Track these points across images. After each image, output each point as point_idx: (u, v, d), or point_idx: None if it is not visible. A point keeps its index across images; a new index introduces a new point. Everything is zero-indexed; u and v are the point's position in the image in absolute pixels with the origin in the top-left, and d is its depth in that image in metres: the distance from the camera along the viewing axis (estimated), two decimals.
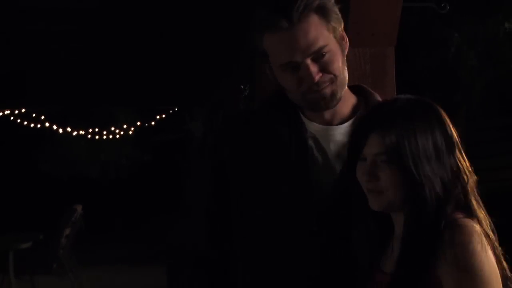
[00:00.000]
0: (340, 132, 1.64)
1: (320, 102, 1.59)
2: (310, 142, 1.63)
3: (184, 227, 1.58)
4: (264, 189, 1.64)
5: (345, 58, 1.63)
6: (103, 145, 12.87)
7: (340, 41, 1.61)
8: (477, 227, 1.39)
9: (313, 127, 1.65)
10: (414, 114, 1.46)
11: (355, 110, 1.67)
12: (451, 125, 1.49)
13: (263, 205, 1.64)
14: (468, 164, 1.49)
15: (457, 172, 1.46)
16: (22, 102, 9.28)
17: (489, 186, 1.56)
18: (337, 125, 1.65)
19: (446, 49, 8.06)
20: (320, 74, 1.55)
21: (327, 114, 1.64)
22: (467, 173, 1.47)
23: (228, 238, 1.71)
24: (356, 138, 1.52)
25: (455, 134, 1.48)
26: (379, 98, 1.72)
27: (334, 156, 1.63)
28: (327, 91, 1.57)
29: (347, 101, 1.67)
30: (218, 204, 1.72)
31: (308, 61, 1.54)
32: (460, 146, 1.49)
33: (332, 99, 1.59)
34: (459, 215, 1.41)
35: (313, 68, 1.54)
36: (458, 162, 1.47)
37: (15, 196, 12.74)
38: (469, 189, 1.46)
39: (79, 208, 7.46)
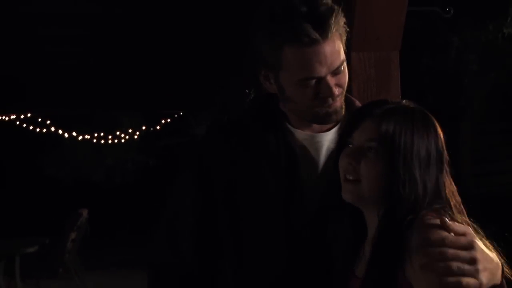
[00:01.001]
0: (327, 139, 1.65)
1: (332, 116, 1.59)
2: (298, 150, 1.63)
3: (167, 241, 1.54)
4: (253, 199, 1.62)
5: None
6: (108, 150, 12.88)
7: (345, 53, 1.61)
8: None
9: (299, 135, 1.65)
10: (415, 116, 1.44)
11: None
12: (444, 144, 1.46)
13: (252, 215, 1.62)
14: (454, 188, 1.45)
15: (439, 189, 1.41)
16: (27, 106, 9.30)
17: (493, 190, 1.54)
18: (323, 131, 1.66)
19: (450, 53, 8.05)
20: (336, 88, 1.56)
21: (328, 124, 1.65)
22: (451, 193, 1.43)
23: (215, 251, 1.68)
24: (348, 126, 1.49)
25: (446, 154, 1.45)
26: (358, 104, 1.73)
27: (322, 163, 1.63)
28: (338, 104, 1.59)
29: None
30: (204, 216, 1.68)
31: (329, 76, 1.54)
32: (448, 168, 1.45)
33: (341, 112, 1.61)
34: (428, 215, 1.34)
35: (332, 82, 1.54)
36: (444, 180, 1.43)
37: (21, 201, 12.75)
38: (451, 205, 1.40)
39: (84, 212, 7.47)
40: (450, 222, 1.30)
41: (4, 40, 4.81)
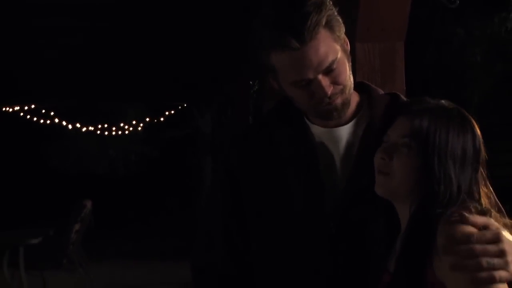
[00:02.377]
0: (346, 132, 1.64)
1: (333, 113, 1.58)
2: (317, 145, 1.63)
3: (203, 244, 1.59)
4: (277, 197, 1.63)
5: (350, 62, 1.60)
6: (112, 141, 12.91)
7: (345, 47, 1.58)
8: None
9: (318, 130, 1.64)
10: (451, 114, 1.44)
11: (358, 108, 1.66)
12: (482, 145, 1.44)
13: (277, 214, 1.63)
14: (488, 189, 1.44)
15: (473, 189, 1.40)
16: (31, 98, 9.31)
17: (497, 182, 1.52)
18: (342, 125, 1.64)
19: (455, 45, 8.04)
20: (332, 87, 1.54)
21: (333, 121, 1.64)
22: (484, 194, 1.42)
23: (248, 252, 1.70)
24: (384, 125, 1.50)
25: (483, 155, 1.44)
26: (381, 92, 1.72)
27: (342, 157, 1.62)
28: (338, 101, 1.57)
29: (351, 100, 1.65)
30: (234, 219, 1.71)
31: (320, 76, 1.52)
32: (484, 170, 1.44)
33: (343, 108, 1.59)
34: (452, 212, 1.35)
35: (325, 82, 1.52)
36: (478, 181, 1.42)
37: (24, 192, 12.79)
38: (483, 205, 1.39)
39: (88, 203, 7.48)
40: (469, 216, 1.30)
41: (7, 31, 4.81)
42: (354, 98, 1.66)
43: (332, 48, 1.52)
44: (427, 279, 1.32)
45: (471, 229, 1.30)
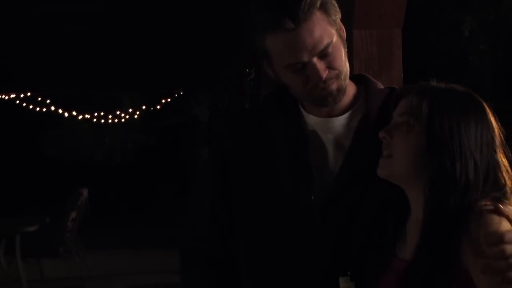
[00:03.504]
0: (340, 123, 1.62)
1: (328, 98, 1.57)
2: (310, 134, 1.62)
3: (192, 226, 1.58)
4: (265, 184, 1.62)
5: (346, 48, 1.59)
6: (109, 129, 12.88)
7: (341, 33, 1.57)
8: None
9: (312, 119, 1.63)
10: (453, 95, 1.42)
11: (355, 100, 1.65)
12: (497, 129, 1.41)
13: (265, 200, 1.62)
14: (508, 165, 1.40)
15: (496, 175, 1.36)
16: (27, 86, 9.28)
17: None
18: (336, 116, 1.63)
19: (455, 32, 8.01)
20: (327, 72, 1.52)
21: (327, 107, 1.62)
22: (506, 173, 1.38)
23: (234, 236, 1.70)
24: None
25: (500, 138, 1.41)
26: (380, 86, 1.69)
27: (334, 147, 1.61)
28: (334, 87, 1.55)
29: (347, 91, 1.63)
30: (222, 202, 1.70)
31: (315, 60, 1.51)
32: (506, 153, 1.40)
33: (339, 94, 1.57)
34: (488, 203, 1.31)
35: (320, 66, 1.51)
36: (501, 165, 1.37)
37: (21, 180, 12.78)
38: (507, 189, 1.35)
39: (85, 191, 7.48)
40: (505, 210, 1.29)
41: (3, 19, 4.78)
42: (351, 89, 1.64)
43: (327, 31, 1.51)
44: (454, 267, 1.31)
45: (504, 225, 1.28)
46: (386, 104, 1.58)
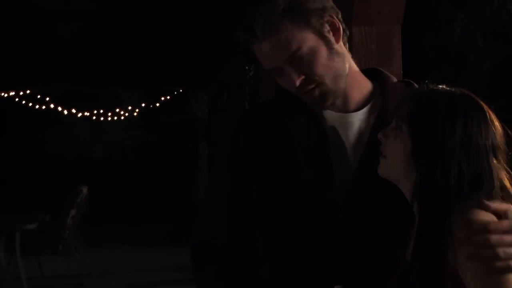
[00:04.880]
0: (358, 118, 1.61)
1: (317, 102, 1.57)
2: (329, 130, 1.60)
3: (206, 222, 1.57)
4: (285, 179, 1.61)
5: (334, 49, 1.56)
6: (108, 127, 12.88)
7: (324, 33, 1.54)
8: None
9: (329, 115, 1.62)
10: (447, 97, 1.40)
11: (371, 95, 1.64)
12: (491, 132, 1.38)
13: (284, 195, 1.61)
14: (504, 176, 1.38)
15: (482, 176, 1.34)
16: (26, 83, 9.28)
17: None
18: (353, 111, 1.62)
19: (453, 29, 8.00)
20: (303, 77, 1.52)
21: (339, 102, 1.61)
22: (506, 175, 1.37)
23: (252, 232, 1.68)
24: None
25: (497, 141, 1.38)
26: (394, 80, 1.69)
27: (353, 143, 1.60)
28: (315, 93, 1.55)
29: (360, 86, 1.63)
30: (239, 197, 1.68)
31: (286, 66, 1.52)
32: (500, 156, 1.38)
33: (324, 99, 1.56)
34: (470, 203, 1.31)
35: (292, 73, 1.52)
36: (491, 168, 1.35)
37: (21, 178, 12.77)
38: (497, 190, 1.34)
39: (84, 189, 7.47)
40: (489, 202, 1.29)
41: (1, 16, 4.77)
42: (364, 84, 1.64)
43: (295, 37, 1.50)
44: (445, 268, 1.31)
45: (489, 217, 1.28)
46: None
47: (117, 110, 11.72)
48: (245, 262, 1.70)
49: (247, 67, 6.29)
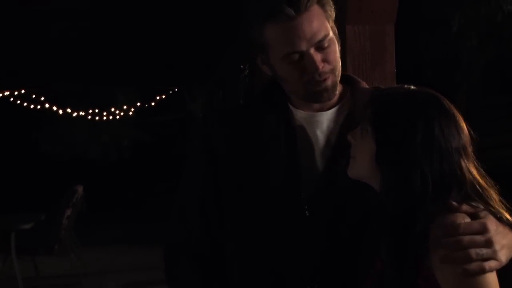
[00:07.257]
0: (327, 118, 1.64)
1: (323, 94, 1.59)
2: (298, 129, 1.63)
3: (177, 223, 1.57)
4: (254, 179, 1.63)
5: (339, 47, 1.63)
6: (104, 126, 12.86)
7: (335, 30, 1.61)
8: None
9: (300, 114, 1.65)
10: (411, 98, 1.39)
11: (341, 97, 1.67)
12: (456, 131, 1.37)
13: (252, 196, 1.63)
14: (474, 174, 1.37)
15: (449, 177, 1.34)
16: (21, 83, 9.26)
17: (489, 164, 1.49)
18: (323, 111, 1.65)
19: (448, 28, 8.02)
20: (323, 64, 1.55)
21: (321, 103, 1.64)
22: (481, 177, 1.37)
23: (221, 232, 1.69)
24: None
25: (462, 141, 1.37)
26: (365, 86, 1.72)
27: (321, 142, 1.63)
28: (329, 82, 1.58)
29: None
30: (211, 198, 1.70)
31: (312, 50, 1.54)
32: (466, 155, 1.37)
33: (333, 90, 1.60)
34: (445, 205, 1.31)
35: (317, 57, 1.54)
36: (460, 167, 1.35)
37: (16, 177, 12.75)
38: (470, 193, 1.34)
39: (80, 189, 7.46)
40: (457, 205, 1.30)
41: None
42: (338, 87, 1.66)
43: (324, 24, 1.55)
44: (420, 272, 1.31)
45: (461, 218, 1.28)
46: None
47: (113, 109, 11.71)
48: (215, 263, 1.72)
49: (242, 66, 6.29)
